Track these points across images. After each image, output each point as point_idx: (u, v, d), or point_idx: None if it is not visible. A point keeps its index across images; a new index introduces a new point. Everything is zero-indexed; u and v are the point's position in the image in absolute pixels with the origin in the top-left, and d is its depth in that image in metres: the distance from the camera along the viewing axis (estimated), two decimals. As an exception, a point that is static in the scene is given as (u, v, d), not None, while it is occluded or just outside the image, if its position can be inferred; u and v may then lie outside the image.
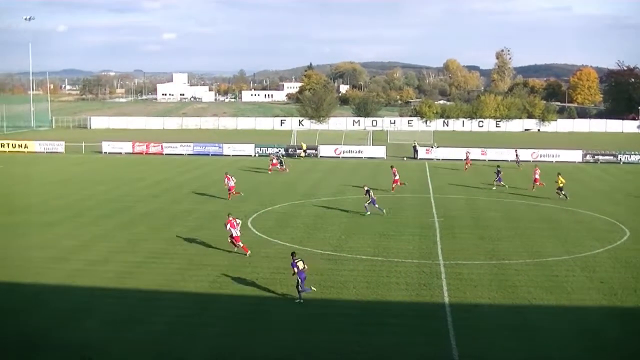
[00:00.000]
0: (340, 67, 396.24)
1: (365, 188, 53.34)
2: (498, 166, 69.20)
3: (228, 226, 40.71)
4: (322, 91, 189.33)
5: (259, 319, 29.94)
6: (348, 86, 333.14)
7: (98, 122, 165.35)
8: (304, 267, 32.42)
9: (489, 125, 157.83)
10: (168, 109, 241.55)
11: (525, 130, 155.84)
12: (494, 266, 38.11)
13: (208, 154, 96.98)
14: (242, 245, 40.42)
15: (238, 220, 41.44)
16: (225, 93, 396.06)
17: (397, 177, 63.27)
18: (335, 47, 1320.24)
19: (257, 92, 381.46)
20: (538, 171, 65.12)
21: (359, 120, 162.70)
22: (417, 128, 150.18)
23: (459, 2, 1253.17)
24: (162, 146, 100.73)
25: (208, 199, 59.37)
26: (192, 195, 61.08)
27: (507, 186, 65.42)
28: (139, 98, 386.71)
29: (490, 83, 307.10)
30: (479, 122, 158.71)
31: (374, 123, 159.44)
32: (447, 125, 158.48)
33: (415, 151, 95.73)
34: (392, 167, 65.75)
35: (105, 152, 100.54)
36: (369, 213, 51.90)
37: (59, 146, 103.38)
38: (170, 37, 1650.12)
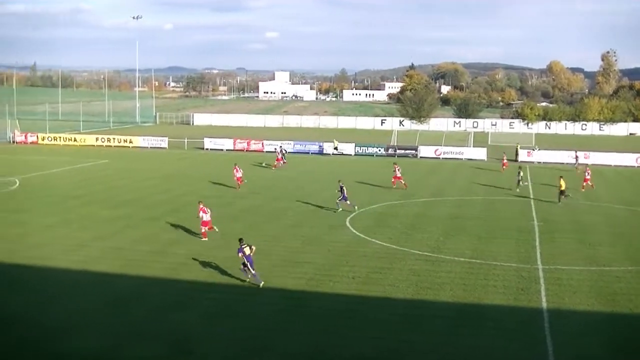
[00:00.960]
0: (442, 68, 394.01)
1: (340, 184, 54.02)
2: (519, 167, 69.04)
3: (201, 213, 44.18)
4: (423, 91, 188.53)
5: (354, 318, 30.09)
6: (449, 87, 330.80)
7: (201, 119, 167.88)
8: (251, 252, 34.75)
9: (592, 128, 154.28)
10: (269, 107, 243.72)
11: (630, 134, 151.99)
12: (594, 272, 37.42)
13: (308, 153, 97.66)
14: (204, 230, 44.02)
15: (207, 209, 44.48)
16: (327, 92, 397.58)
17: (398, 175, 64.00)
18: (438, 48, 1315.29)
19: (358, 91, 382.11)
20: (589, 171, 66.18)
21: (459, 122, 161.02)
22: (519, 130, 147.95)
23: (564, 3, 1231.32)
24: (262, 144, 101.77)
25: (307, 196, 59.82)
26: (292, 193, 61.62)
27: (524, 184, 65.71)
28: (241, 96, 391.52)
29: (595, 85, 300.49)
30: (582, 125, 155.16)
31: (475, 124, 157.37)
32: (549, 128, 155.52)
33: (517, 154, 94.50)
34: (394, 163, 67.07)
35: (207, 149, 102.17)
36: (340, 209, 52.62)
37: (163, 142, 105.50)
38: (273, 36, 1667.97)
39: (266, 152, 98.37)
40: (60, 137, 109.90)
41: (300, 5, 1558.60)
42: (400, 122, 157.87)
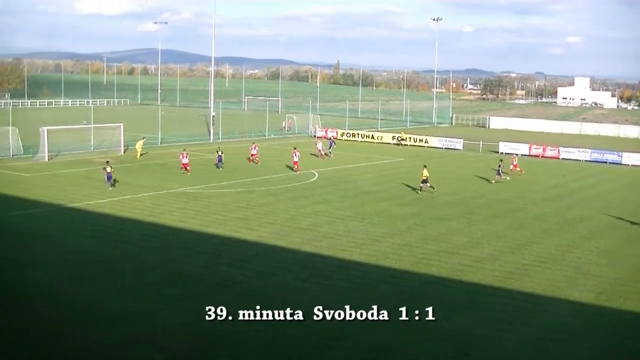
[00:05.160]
0: None
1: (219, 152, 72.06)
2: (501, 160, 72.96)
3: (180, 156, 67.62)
4: None
5: (642, 339, 28.88)
6: None
7: (496, 122, 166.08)
8: (111, 171, 57.12)
9: None
10: (567, 113, 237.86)
11: None
12: None
13: (605, 162, 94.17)
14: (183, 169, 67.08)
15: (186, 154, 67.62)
16: (629, 100, 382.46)
17: (295, 160, 71.40)
18: None
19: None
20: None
21: None
22: None
23: None
24: (558, 150, 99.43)
25: (604, 207, 57.68)
26: (586, 202, 59.82)
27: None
28: (539, 100, 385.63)
29: None
30: None
31: None
32: None
33: None
34: (294, 148, 74.32)
35: (502, 152, 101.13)
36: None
37: (458, 143, 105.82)
38: (574, 40, 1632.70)
39: (562, 159, 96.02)
40: (357, 134, 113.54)
41: (606, 9, 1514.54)
42: None
